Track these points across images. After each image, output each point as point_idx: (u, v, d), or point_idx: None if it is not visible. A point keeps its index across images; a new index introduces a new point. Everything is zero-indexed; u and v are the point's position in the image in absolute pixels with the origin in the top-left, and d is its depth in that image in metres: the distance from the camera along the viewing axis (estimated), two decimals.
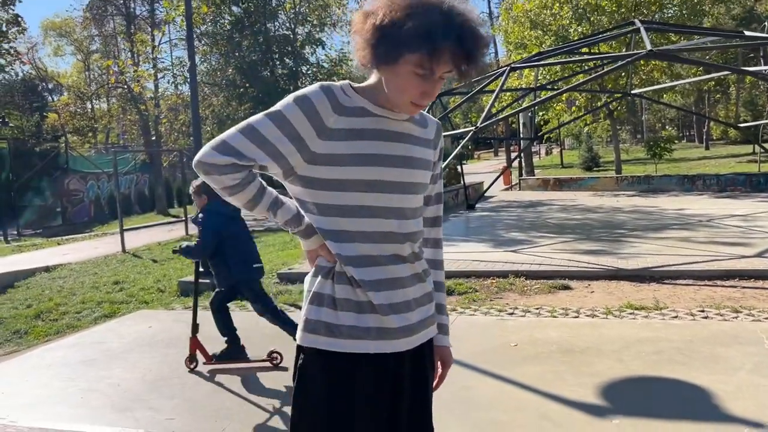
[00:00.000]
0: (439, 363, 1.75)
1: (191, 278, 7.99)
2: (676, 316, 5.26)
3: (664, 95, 20.80)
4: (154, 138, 26.09)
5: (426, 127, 1.64)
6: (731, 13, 28.96)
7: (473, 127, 9.56)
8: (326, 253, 1.53)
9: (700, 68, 17.82)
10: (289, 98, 1.49)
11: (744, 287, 6.33)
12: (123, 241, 12.14)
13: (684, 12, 18.68)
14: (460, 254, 8.40)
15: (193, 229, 14.53)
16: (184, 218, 15.39)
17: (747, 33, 10.58)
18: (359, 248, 1.51)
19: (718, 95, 38.93)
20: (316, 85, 1.50)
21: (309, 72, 18.76)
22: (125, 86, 23.48)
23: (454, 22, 1.35)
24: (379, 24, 1.38)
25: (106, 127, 36.06)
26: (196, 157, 1.49)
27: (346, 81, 1.55)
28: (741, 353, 4.22)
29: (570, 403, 3.58)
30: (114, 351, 5.04)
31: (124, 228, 12.93)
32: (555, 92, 12.40)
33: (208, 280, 7.79)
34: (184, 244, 4.86)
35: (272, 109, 1.49)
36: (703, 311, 5.39)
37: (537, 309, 5.74)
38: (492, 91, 12.57)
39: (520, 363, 4.25)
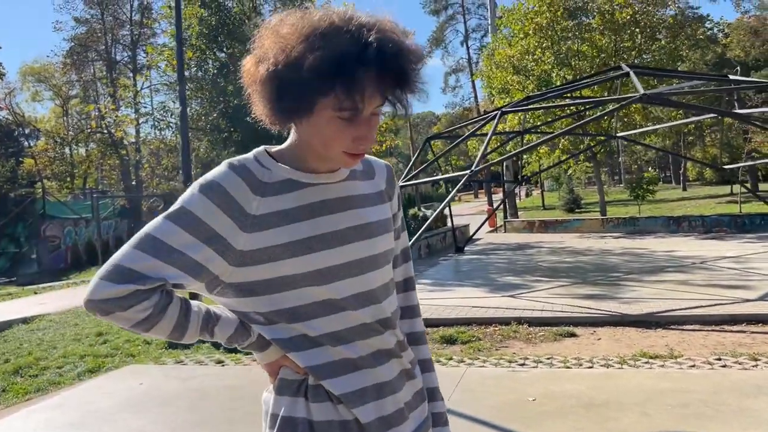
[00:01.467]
0: None
1: None
2: (693, 365, 5.09)
3: (646, 138, 21.14)
4: (134, 183, 25.76)
5: (374, 177, 1.33)
6: (705, 59, 29.92)
7: (466, 171, 9.48)
8: (292, 364, 1.21)
9: (680, 111, 18.15)
10: (194, 188, 1.15)
11: (753, 332, 6.19)
12: None
13: (662, 57, 19.14)
14: (458, 300, 8.20)
15: None
16: None
17: (732, 77, 10.78)
18: (331, 353, 1.19)
19: (691, 137, 39.79)
20: (224, 165, 1.17)
21: None
22: (106, 131, 23.27)
23: (369, 42, 1.04)
24: (273, 70, 1.07)
25: (85, 173, 35.63)
26: (86, 296, 1.12)
27: (262, 148, 1.24)
28: None
29: None
30: (103, 412, 4.70)
31: None
32: (547, 136, 12.46)
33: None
34: None
35: (174, 207, 1.15)
36: (720, 359, 5.22)
37: (548, 359, 5.53)
38: (478, 135, 12.61)
39: (542, 419, 4.02)
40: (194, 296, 4.84)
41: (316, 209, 1.20)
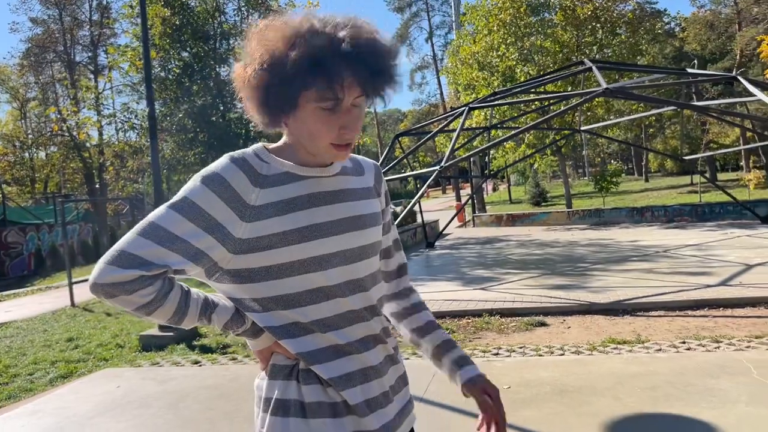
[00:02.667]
0: (486, 398, 1.40)
1: (154, 332, 7.66)
2: (659, 349, 5.27)
3: (609, 131, 21.61)
4: (98, 186, 25.27)
5: (363, 174, 1.43)
6: (664, 53, 30.70)
7: (435, 167, 9.59)
8: (284, 350, 1.28)
9: (641, 104, 18.57)
10: (196, 180, 1.22)
11: (715, 316, 6.43)
12: (72, 294, 11.53)
13: (622, 51, 19.57)
14: (431, 293, 8.31)
15: None
16: None
17: (689, 70, 11.10)
18: (320, 339, 1.26)
19: (652, 130, 40.71)
20: (225, 158, 1.25)
21: None
22: (67, 134, 22.78)
23: (343, 36, 1.16)
24: (259, 69, 1.17)
25: (47, 177, 34.83)
26: (91, 279, 1.18)
27: (260, 144, 1.32)
28: (733, 384, 4.23)
29: None
30: (81, 417, 4.67)
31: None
32: (514, 131, 12.64)
33: (171, 333, 7.48)
34: None
35: (177, 197, 1.22)
36: (684, 342, 5.42)
37: (521, 348, 5.66)
38: (446, 131, 12.75)
39: (519, 406, 4.14)
40: None
41: (313, 200, 1.28)
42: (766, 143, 13.99)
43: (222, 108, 18.29)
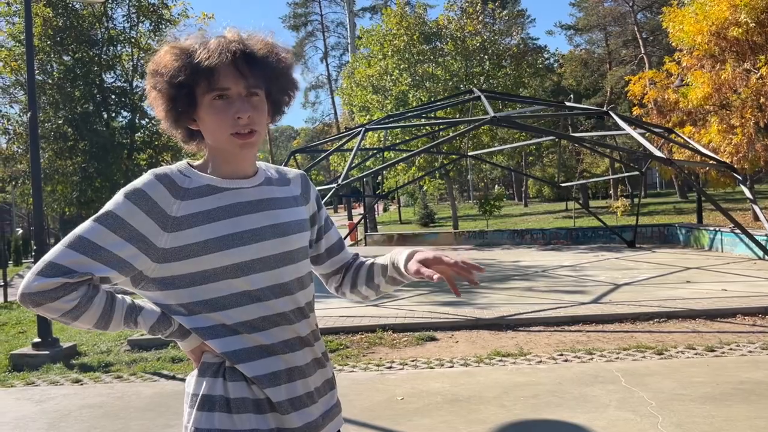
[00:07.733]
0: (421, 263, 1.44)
1: (26, 350, 7.15)
2: (540, 361, 5.65)
3: (493, 157, 22.77)
4: None
5: (289, 185, 1.50)
6: (543, 86, 32.87)
7: (331, 185, 9.72)
8: (211, 349, 1.34)
9: (523, 133, 19.75)
10: (119, 195, 1.29)
11: (588, 331, 6.95)
12: None
13: (507, 83, 20.78)
14: (325, 310, 8.35)
15: (13, 296, 12.97)
16: (2, 283, 13.66)
17: (567, 104, 12.01)
18: (246, 340, 1.32)
19: (531, 158, 43.24)
20: (148, 174, 1.32)
21: (149, 125, 17.97)
22: None
23: (216, 37, 1.31)
24: (159, 86, 1.31)
25: None
26: (20, 290, 1.23)
27: (184, 161, 1.39)
28: (604, 391, 4.62)
29: None
30: None
31: None
32: (407, 154, 13.03)
33: (47, 351, 7.01)
34: None
35: (101, 211, 1.29)
36: (562, 355, 5.83)
37: (412, 361, 5.85)
38: (343, 150, 12.94)
39: (411, 416, 4.29)
40: None
41: (234, 210, 1.34)
42: (632, 174, 15.28)
43: (106, 116, 17.48)
